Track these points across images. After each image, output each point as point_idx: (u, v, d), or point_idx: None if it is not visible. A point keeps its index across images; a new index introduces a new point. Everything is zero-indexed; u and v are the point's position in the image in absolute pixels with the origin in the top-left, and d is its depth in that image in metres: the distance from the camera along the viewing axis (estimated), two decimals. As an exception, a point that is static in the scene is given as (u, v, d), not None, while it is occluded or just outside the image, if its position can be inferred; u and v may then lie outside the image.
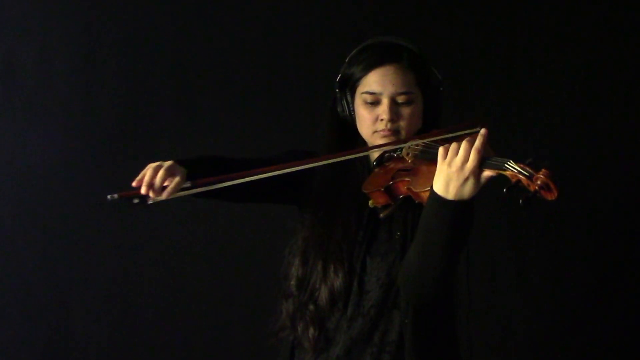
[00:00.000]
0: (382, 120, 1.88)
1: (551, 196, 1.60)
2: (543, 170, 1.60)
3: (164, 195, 1.72)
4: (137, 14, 3.05)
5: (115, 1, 3.04)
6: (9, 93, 3.03)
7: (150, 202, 1.72)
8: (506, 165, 1.63)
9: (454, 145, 1.68)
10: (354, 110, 1.95)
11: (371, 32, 2.99)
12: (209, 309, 3.07)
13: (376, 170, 1.93)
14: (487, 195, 1.65)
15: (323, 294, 1.90)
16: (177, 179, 1.73)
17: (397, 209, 1.87)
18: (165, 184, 1.72)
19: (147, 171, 1.72)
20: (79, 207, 3.04)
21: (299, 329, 1.94)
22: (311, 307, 1.92)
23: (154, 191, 1.71)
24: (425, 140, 1.86)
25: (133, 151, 3.03)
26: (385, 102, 1.88)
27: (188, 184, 1.76)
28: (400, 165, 1.88)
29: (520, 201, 1.59)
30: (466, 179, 1.66)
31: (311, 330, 1.91)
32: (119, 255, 3.05)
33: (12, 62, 3.02)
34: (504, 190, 1.61)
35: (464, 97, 3.03)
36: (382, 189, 1.84)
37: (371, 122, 1.90)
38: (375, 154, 1.95)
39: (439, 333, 1.91)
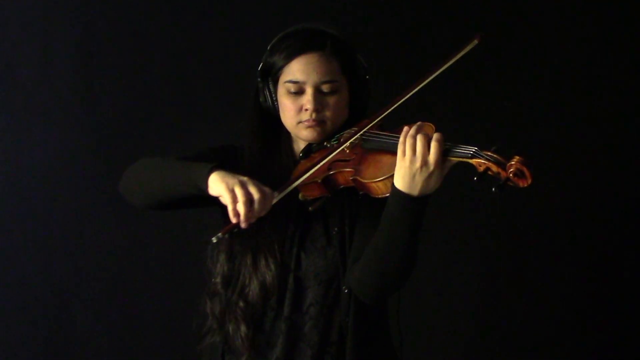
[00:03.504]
0: (306, 110, 1.82)
1: (524, 183, 1.56)
2: (516, 157, 1.56)
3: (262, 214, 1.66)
4: (137, 14, 3.05)
5: (115, 1, 3.04)
6: (9, 93, 3.02)
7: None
8: (472, 153, 1.60)
9: (409, 140, 1.62)
10: (277, 100, 1.87)
11: (372, 31, 3.01)
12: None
13: (302, 161, 1.87)
14: (485, 195, 1.64)
15: (254, 289, 1.82)
16: (269, 200, 1.65)
17: (327, 202, 1.81)
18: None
19: (241, 207, 1.62)
20: (79, 207, 3.04)
21: (230, 329, 1.84)
22: (241, 304, 1.82)
23: (253, 218, 1.65)
24: (365, 129, 1.79)
25: (133, 151, 3.02)
26: (309, 91, 1.81)
27: (276, 194, 1.69)
28: (336, 156, 1.80)
29: (493, 189, 1.55)
30: (431, 173, 1.61)
31: (243, 329, 1.82)
32: (119, 255, 3.05)
33: (12, 62, 3.02)
34: (474, 179, 1.58)
35: (461, 95, 3.04)
36: (319, 181, 1.78)
37: (295, 113, 1.83)
38: (301, 145, 1.89)
39: (377, 330, 1.87)
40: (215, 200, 1.81)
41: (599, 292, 3.08)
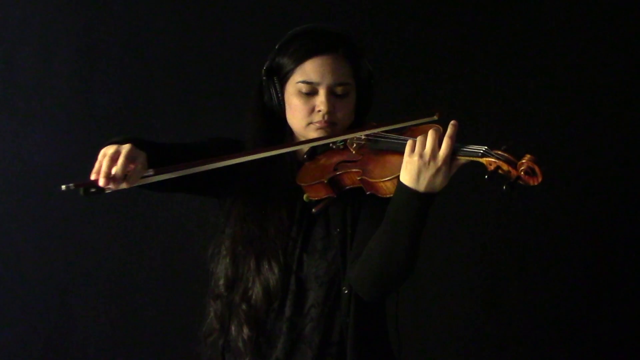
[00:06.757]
0: (319, 111, 1.81)
1: (535, 181, 1.57)
2: (527, 155, 1.57)
3: (124, 185, 1.58)
4: (137, 14, 3.05)
5: (115, 1, 3.04)
6: (9, 93, 3.02)
7: (108, 191, 1.58)
8: (482, 152, 1.60)
9: (421, 136, 1.63)
10: (283, 99, 1.87)
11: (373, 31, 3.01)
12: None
13: (307, 163, 1.87)
14: (484, 194, 1.64)
15: (257, 292, 1.82)
16: (138, 167, 1.59)
17: (331, 204, 1.81)
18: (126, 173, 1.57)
19: (105, 160, 1.56)
20: (79, 206, 3.04)
21: (232, 330, 1.85)
22: (244, 306, 1.83)
23: (115, 182, 1.56)
24: (375, 131, 1.80)
25: (133, 151, 3.03)
26: (322, 92, 1.81)
27: (151, 172, 1.63)
28: (342, 157, 1.82)
29: (504, 187, 1.56)
30: (438, 169, 1.61)
31: (245, 330, 1.83)
32: (119, 254, 3.05)
33: (12, 62, 3.02)
34: (485, 177, 1.58)
35: (462, 94, 3.04)
36: (325, 181, 1.78)
37: (306, 113, 1.82)
38: (305, 147, 1.87)
39: (376, 331, 1.87)
40: (209, 189, 1.87)
41: (599, 292, 3.07)
